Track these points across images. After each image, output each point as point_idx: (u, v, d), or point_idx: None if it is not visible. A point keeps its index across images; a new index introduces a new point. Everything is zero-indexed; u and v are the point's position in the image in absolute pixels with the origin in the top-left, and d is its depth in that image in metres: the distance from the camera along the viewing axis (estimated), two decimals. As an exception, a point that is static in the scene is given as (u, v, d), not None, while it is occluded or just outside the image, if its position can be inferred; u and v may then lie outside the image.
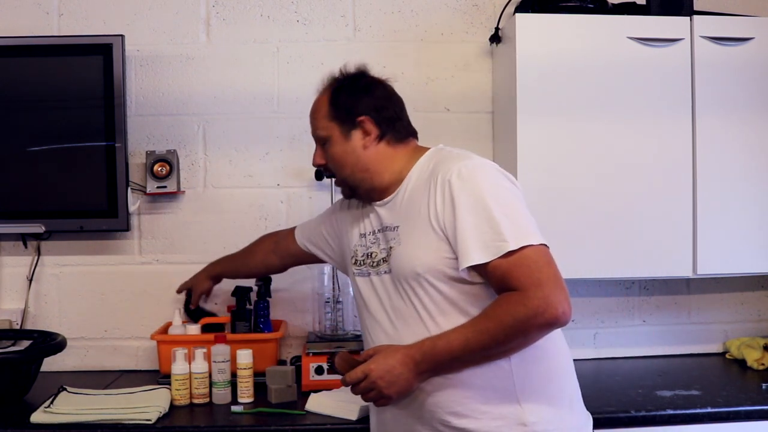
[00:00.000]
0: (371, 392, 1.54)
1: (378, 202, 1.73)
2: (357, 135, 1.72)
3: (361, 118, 1.72)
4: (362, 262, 1.74)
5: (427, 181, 1.63)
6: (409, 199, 1.66)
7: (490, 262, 1.50)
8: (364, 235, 1.76)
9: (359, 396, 1.58)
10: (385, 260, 1.67)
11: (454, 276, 1.56)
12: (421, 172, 1.68)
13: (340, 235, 1.93)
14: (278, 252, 2.24)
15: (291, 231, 2.20)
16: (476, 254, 1.51)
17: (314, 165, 1.80)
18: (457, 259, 1.55)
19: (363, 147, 1.72)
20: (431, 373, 1.55)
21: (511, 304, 1.48)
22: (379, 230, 1.71)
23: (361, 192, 1.75)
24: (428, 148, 1.75)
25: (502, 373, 1.56)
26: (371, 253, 1.71)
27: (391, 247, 1.65)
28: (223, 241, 2.60)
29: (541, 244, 1.52)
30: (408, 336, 1.59)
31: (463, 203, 1.54)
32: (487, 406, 1.56)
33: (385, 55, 2.62)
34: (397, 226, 1.65)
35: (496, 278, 1.51)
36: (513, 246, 1.49)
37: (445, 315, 1.57)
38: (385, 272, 1.66)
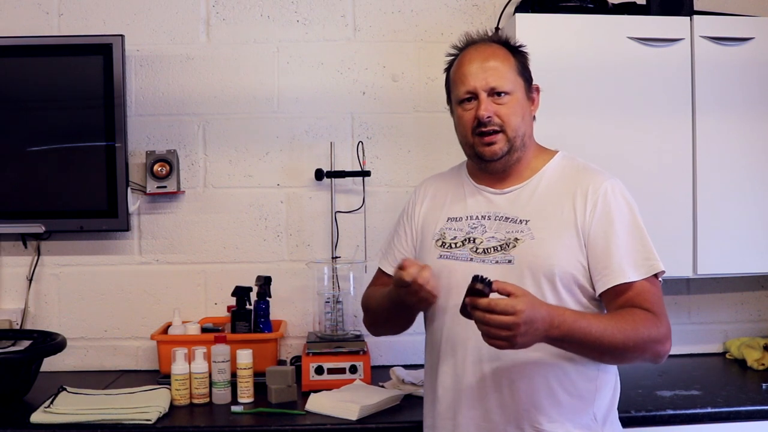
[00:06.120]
0: (502, 331, 1.39)
1: (494, 190, 1.70)
2: (531, 99, 1.71)
3: (537, 85, 1.72)
4: (452, 245, 1.68)
5: (570, 187, 1.64)
6: (545, 196, 1.65)
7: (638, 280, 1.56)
8: (457, 219, 1.72)
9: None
10: (501, 249, 1.62)
11: (582, 283, 1.60)
12: (558, 175, 1.68)
13: (417, 230, 1.82)
14: None
15: (383, 277, 1.87)
16: (630, 272, 1.57)
17: (482, 118, 1.63)
18: (588, 266, 1.59)
19: (531, 113, 1.71)
20: (554, 343, 1.50)
21: (650, 322, 1.54)
22: (494, 218, 1.67)
23: (514, 149, 1.66)
24: (549, 149, 1.74)
25: (590, 389, 1.61)
26: (472, 239, 1.66)
27: (516, 239, 1.62)
28: (223, 241, 2.61)
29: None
30: None
31: (618, 220, 1.59)
32: (576, 416, 1.58)
33: (385, 55, 2.62)
34: (527, 220, 1.63)
35: (628, 296, 1.56)
36: (663, 267, 1.58)
37: None
38: (509, 261, 1.60)
